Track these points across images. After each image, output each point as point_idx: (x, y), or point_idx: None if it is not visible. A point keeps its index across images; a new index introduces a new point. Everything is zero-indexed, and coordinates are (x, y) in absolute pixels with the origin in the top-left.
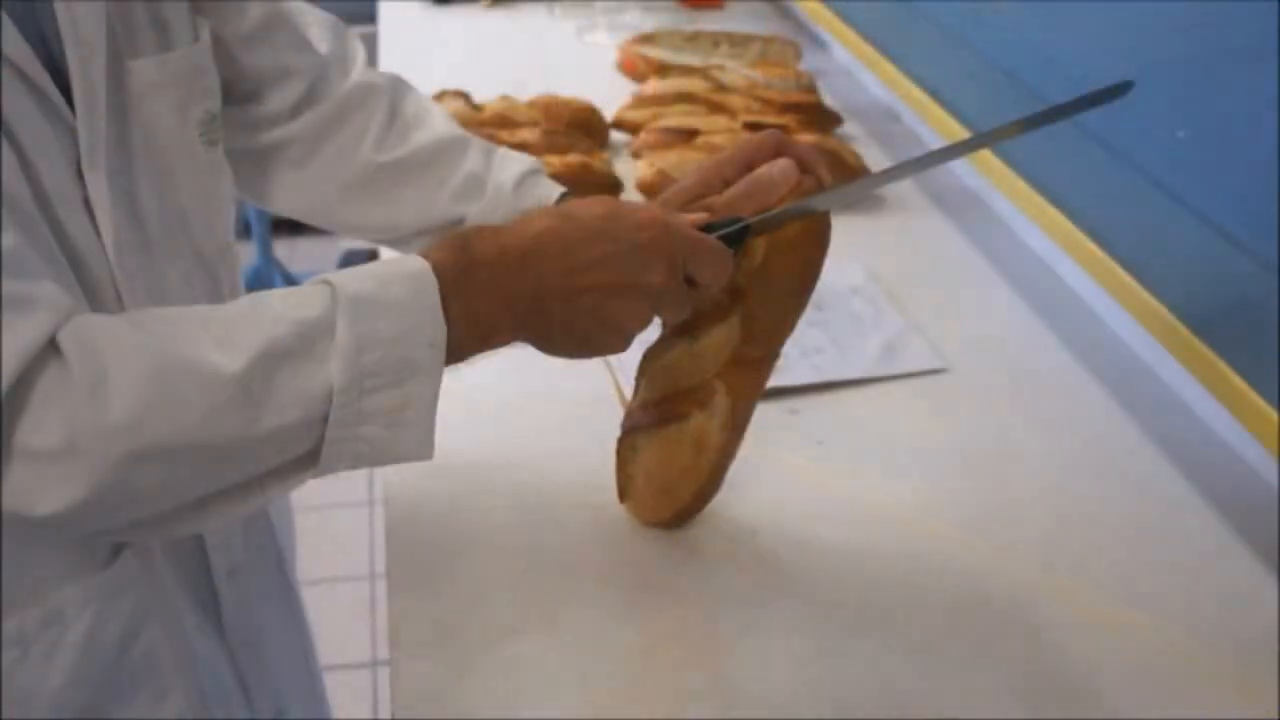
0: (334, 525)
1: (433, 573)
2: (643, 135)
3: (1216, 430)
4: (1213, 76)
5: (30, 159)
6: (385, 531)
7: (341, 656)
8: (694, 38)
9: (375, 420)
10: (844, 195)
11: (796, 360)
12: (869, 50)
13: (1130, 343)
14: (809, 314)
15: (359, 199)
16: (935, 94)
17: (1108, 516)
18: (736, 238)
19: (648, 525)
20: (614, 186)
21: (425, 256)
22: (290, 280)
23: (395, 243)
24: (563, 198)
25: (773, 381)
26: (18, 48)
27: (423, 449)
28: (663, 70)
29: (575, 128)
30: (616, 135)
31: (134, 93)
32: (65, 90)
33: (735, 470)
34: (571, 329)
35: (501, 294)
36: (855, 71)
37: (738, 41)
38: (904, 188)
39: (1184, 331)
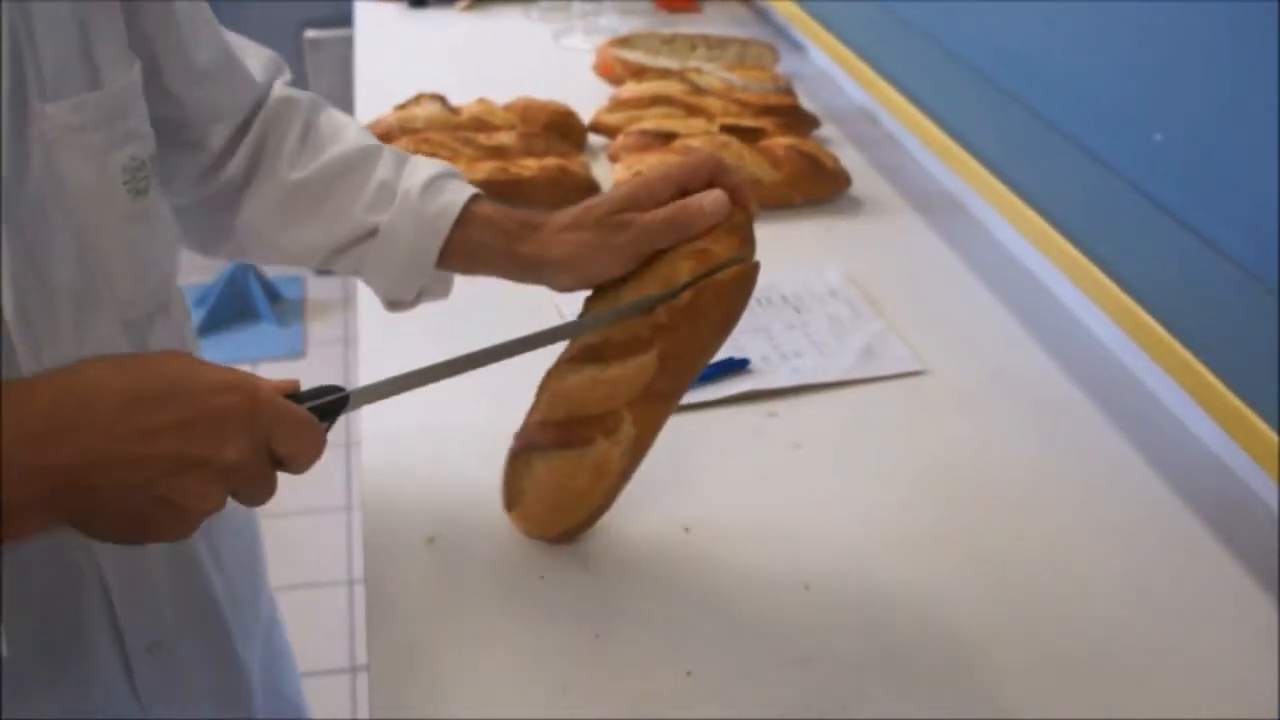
0: (311, 531)
1: (412, 577)
2: (620, 138)
3: (1196, 433)
4: (1189, 79)
5: None
6: (363, 537)
7: (320, 662)
8: (671, 41)
9: None
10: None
11: (775, 363)
12: (846, 53)
13: (1109, 345)
14: (788, 317)
15: (281, 222)
16: (913, 96)
17: (1088, 519)
18: (332, 410)
19: (530, 538)
20: (591, 189)
21: None
22: (267, 285)
23: (321, 264)
24: (474, 199)
25: (751, 384)
26: None
27: None
28: (640, 73)
29: (552, 131)
30: (594, 138)
31: (44, 139)
32: None
33: (714, 475)
34: (123, 508)
35: (34, 461)
36: (833, 74)
37: (715, 44)
38: (881, 190)
39: (1164, 335)
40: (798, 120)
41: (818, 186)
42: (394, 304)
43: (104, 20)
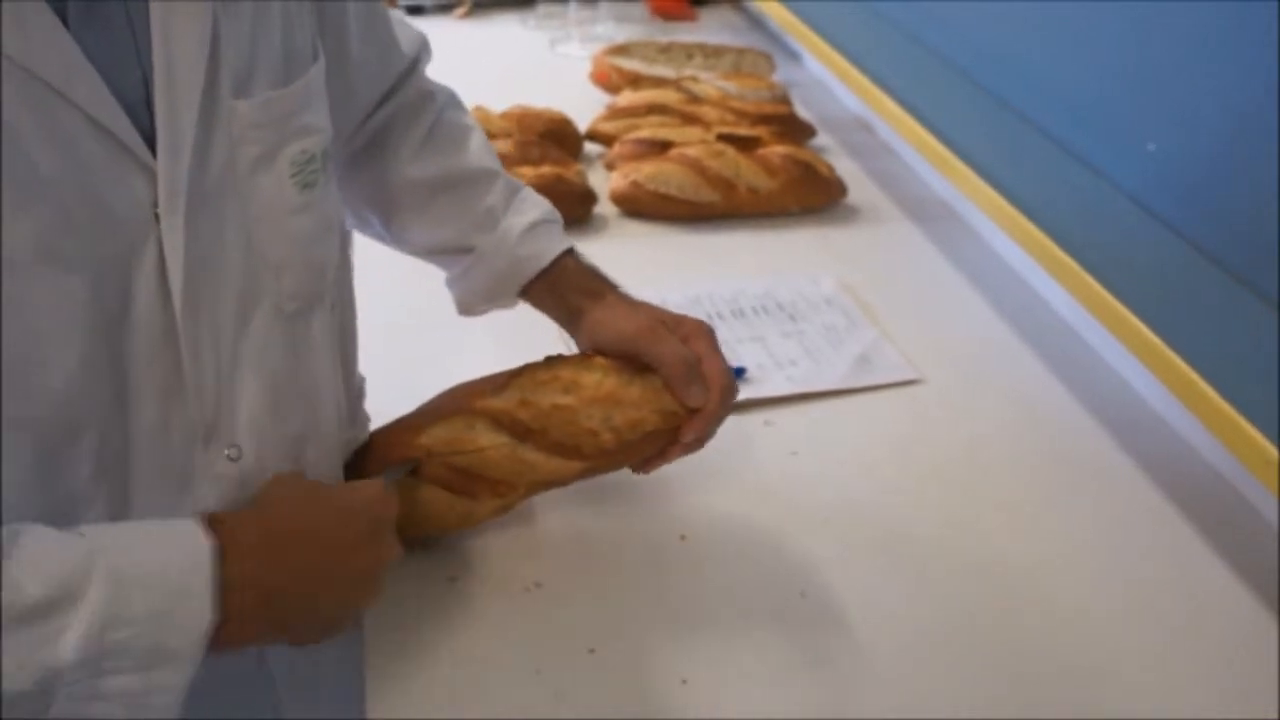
0: None
1: (407, 584)
2: (616, 147)
3: (1194, 445)
4: (1182, 89)
5: (105, 203)
6: None
7: None
8: (667, 49)
9: (112, 700)
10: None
11: (771, 371)
12: (842, 61)
13: (1105, 355)
14: (784, 325)
15: (387, 208)
16: (908, 105)
17: (1084, 528)
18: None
19: None
20: (588, 198)
21: (207, 525)
22: None
23: (412, 253)
24: (567, 254)
25: (747, 393)
26: (93, 93)
27: None
28: (636, 81)
29: (549, 139)
30: (590, 146)
31: (230, 134)
32: (154, 122)
33: (710, 483)
34: (320, 619)
35: (268, 581)
36: (828, 83)
37: (711, 53)
38: (876, 198)
39: (1158, 344)
40: (793, 129)
41: (813, 195)
42: (466, 310)
43: (298, 17)
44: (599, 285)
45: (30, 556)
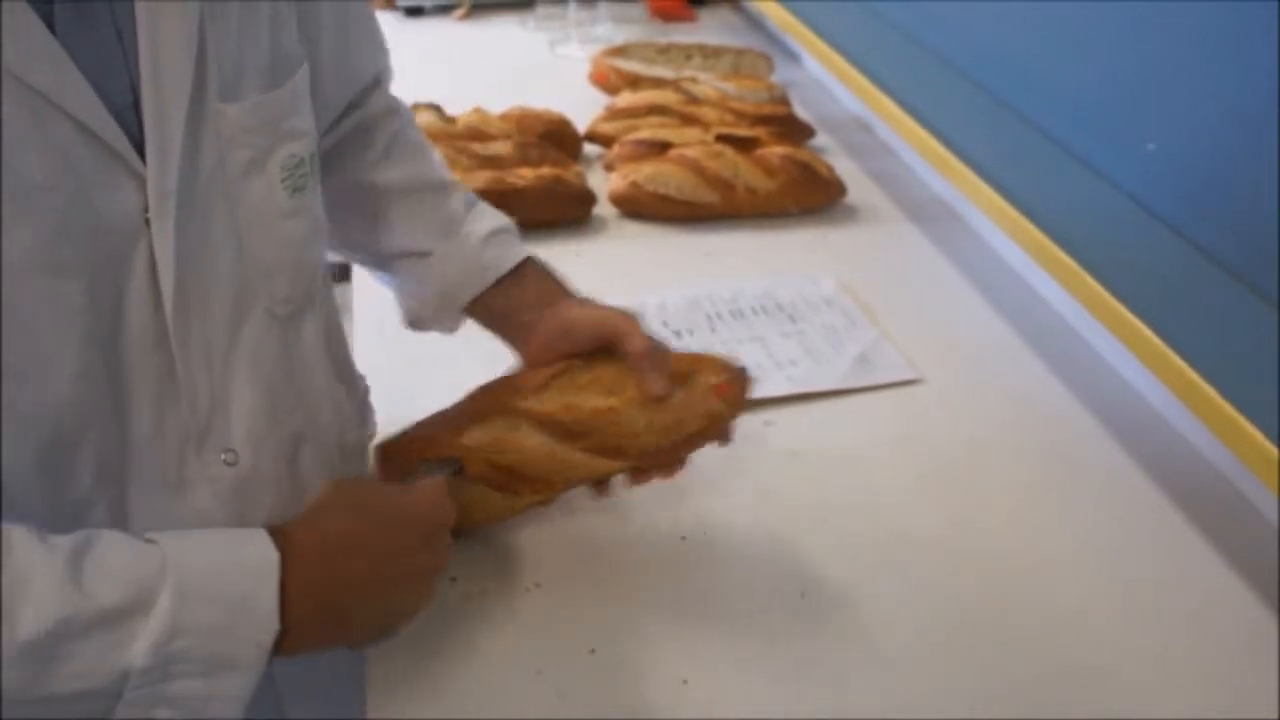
0: None
1: None
2: (616, 148)
3: (1194, 444)
4: (1181, 89)
5: (97, 209)
6: None
7: None
8: (666, 50)
9: (175, 705)
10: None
11: (771, 372)
12: (841, 62)
13: (1105, 355)
14: (783, 325)
15: (347, 212)
16: (907, 105)
17: (1085, 529)
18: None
19: None
20: (586, 198)
21: (273, 538)
22: None
23: (362, 262)
24: (525, 262)
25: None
26: (82, 99)
27: None
28: (635, 82)
29: (548, 140)
30: (589, 147)
31: (219, 138)
32: (142, 127)
33: (710, 483)
34: (376, 621)
35: (327, 591)
36: (827, 83)
37: (710, 54)
38: (876, 198)
39: (1158, 344)
40: (792, 129)
41: (812, 195)
42: (415, 322)
43: (284, 20)
44: (566, 286)
45: (105, 564)
